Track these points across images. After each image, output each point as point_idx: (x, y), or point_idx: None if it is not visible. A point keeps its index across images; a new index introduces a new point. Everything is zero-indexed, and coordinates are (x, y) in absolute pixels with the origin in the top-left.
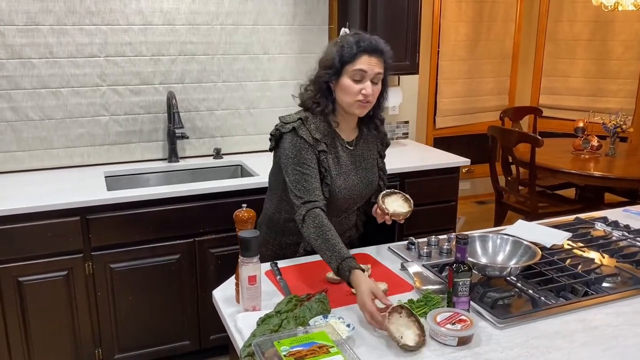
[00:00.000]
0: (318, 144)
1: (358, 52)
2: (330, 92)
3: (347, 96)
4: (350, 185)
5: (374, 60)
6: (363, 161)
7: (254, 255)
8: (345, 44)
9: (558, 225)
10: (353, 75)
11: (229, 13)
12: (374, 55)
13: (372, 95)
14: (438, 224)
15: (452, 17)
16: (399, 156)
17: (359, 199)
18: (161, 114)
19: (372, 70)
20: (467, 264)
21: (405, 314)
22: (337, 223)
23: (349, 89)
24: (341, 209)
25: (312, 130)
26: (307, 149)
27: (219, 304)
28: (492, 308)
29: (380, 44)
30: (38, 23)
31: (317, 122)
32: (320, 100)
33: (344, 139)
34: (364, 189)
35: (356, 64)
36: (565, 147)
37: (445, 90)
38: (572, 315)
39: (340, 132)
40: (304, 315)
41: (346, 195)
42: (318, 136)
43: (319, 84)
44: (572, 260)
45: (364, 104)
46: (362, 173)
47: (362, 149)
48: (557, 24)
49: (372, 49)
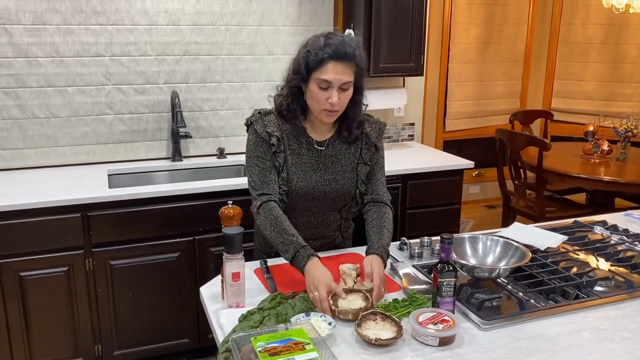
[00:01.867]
0: (270, 137)
1: (323, 59)
2: (301, 94)
3: (315, 103)
4: (310, 184)
5: (339, 68)
6: (333, 163)
7: (237, 252)
8: (312, 49)
9: (555, 228)
10: (319, 83)
11: (234, 13)
12: (340, 61)
13: (340, 104)
14: (441, 226)
15: (462, 20)
16: (402, 158)
17: (326, 201)
18: (165, 113)
19: (339, 81)
20: (451, 264)
21: (380, 319)
22: (314, 225)
23: (316, 96)
24: (309, 209)
25: (267, 125)
26: (262, 143)
27: (205, 300)
28: (479, 309)
29: (348, 48)
30: (45, 22)
31: (277, 116)
32: (291, 104)
33: (314, 137)
34: (329, 191)
35: (321, 72)
36: (575, 151)
37: (456, 93)
38: (559, 318)
39: (311, 130)
40: (286, 312)
41: (306, 192)
42: (271, 130)
43: (290, 88)
44: (565, 263)
45: (330, 113)
46: (328, 175)
47: (335, 151)
48: (570, 26)
49: (339, 55)
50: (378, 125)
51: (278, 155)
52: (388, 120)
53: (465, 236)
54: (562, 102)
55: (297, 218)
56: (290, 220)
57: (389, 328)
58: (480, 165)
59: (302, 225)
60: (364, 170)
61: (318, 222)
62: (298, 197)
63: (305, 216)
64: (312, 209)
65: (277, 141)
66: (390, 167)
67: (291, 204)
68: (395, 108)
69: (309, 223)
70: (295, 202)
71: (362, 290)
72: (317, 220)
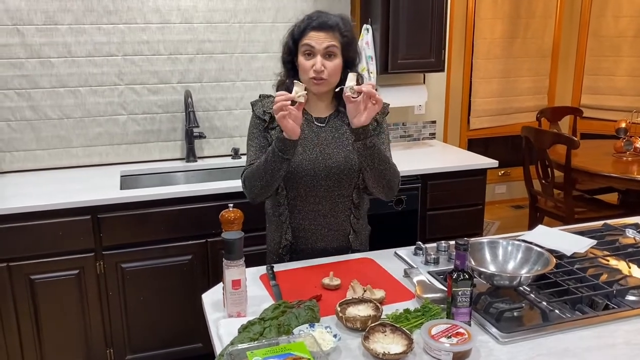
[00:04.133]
0: (264, 115)
1: (305, 29)
2: (296, 72)
3: (303, 73)
4: (310, 157)
5: (321, 35)
6: (335, 138)
7: (238, 258)
8: (297, 23)
9: (583, 232)
10: (304, 51)
11: (248, 10)
12: (322, 30)
13: (326, 71)
14: (463, 229)
15: (487, 14)
16: (423, 157)
17: (330, 178)
18: (179, 113)
19: (320, 45)
20: (467, 272)
21: (389, 331)
22: (322, 214)
23: (302, 66)
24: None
25: (264, 105)
26: (258, 123)
27: (206, 308)
28: (498, 321)
29: (330, 19)
30: (56, 22)
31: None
32: (290, 86)
33: (313, 114)
34: (333, 166)
35: (304, 40)
36: (607, 149)
37: (480, 90)
38: (586, 330)
39: (311, 108)
40: (288, 323)
41: (307, 167)
42: (267, 108)
43: (285, 65)
44: (594, 270)
45: (317, 82)
46: (329, 150)
47: (337, 126)
48: (601, 19)
49: (320, 25)
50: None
51: (271, 131)
52: (408, 118)
53: (484, 241)
54: (592, 99)
55: (304, 205)
56: (296, 210)
57: (399, 341)
58: (507, 164)
59: (310, 215)
60: None
61: (326, 209)
62: (300, 175)
63: (312, 203)
64: (317, 191)
65: (270, 118)
66: (409, 167)
67: (295, 186)
68: (415, 105)
69: (317, 212)
70: (299, 182)
71: (372, 300)
72: (325, 207)
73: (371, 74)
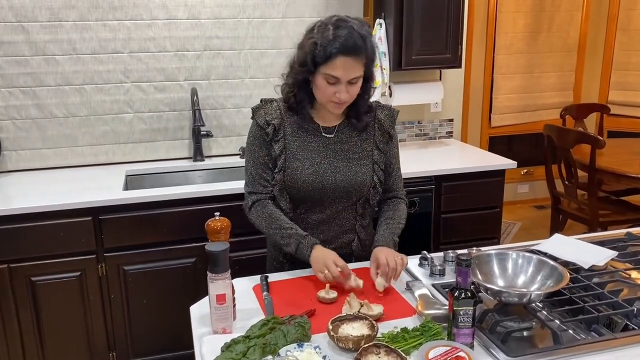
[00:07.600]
0: (268, 125)
1: (332, 54)
2: (308, 84)
3: (321, 96)
4: (317, 171)
5: (349, 63)
6: (343, 150)
7: (223, 270)
8: (320, 41)
9: (604, 242)
10: (327, 78)
11: (257, 5)
12: (350, 55)
13: (349, 95)
14: (480, 232)
15: (509, 8)
16: (437, 156)
17: (338, 190)
18: (186, 111)
19: (347, 77)
20: (470, 290)
21: (383, 353)
22: (326, 222)
23: (323, 90)
24: (320, 201)
25: (267, 113)
26: (259, 134)
27: (192, 322)
28: (504, 342)
29: (357, 39)
30: (61, 19)
31: (279, 105)
32: (298, 95)
33: (321, 124)
34: (341, 179)
35: (329, 67)
36: (635, 149)
37: (502, 86)
38: (603, 355)
39: (319, 117)
40: (275, 342)
41: (314, 181)
42: (270, 118)
43: (295, 78)
44: (613, 285)
45: (338, 105)
46: (337, 163)
47: (346, 137)
48: (631, 12)
49: (348, 49)
50: (390, 112)
51: (275, 144)
52: (423, 117)
53: (492, 252)
54: (620, 95)
55: (307, 214)
56: (299, 219)
57: None
58: (530, 163)
59: (313, 223)
60: (381, 158)
61: (330, 218)
62: (307, 190)
63: (316, 213)
64: (323, 202)
65: (274, 130)
66: (423, 167)
67: (301, 199)
68: (431, 103)
69: (321, 220)
70: (304, 193)
71: (368, 317)
72: (329, 216)
73: (384, 70)
